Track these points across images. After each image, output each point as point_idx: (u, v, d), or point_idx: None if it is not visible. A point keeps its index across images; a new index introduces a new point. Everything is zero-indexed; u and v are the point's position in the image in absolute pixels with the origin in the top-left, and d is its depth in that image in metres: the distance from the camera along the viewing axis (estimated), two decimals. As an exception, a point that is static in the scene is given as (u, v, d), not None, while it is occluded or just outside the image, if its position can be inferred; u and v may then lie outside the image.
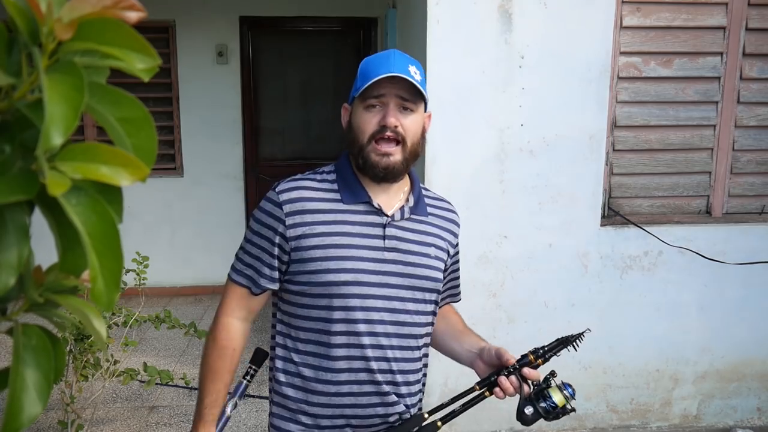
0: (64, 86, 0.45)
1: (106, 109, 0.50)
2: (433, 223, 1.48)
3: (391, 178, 1.39)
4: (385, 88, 1.33)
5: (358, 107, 1.39)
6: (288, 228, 1.37)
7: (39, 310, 0.58)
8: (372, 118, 1.36)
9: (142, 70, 0.50)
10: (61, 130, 0.44)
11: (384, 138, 1.35)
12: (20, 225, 0.49)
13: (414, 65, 1.37)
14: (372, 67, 1.36)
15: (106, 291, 0.49)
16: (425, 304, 1.45)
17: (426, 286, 1.44)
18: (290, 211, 1.38)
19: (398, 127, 1.34)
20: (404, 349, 1.43)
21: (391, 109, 1.34)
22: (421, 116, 1.41)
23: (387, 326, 1.40)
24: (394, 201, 1.45)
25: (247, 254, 1.44)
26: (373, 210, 1.41)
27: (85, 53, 0.50)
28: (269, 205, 1.41)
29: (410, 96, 1.35)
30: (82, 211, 0.48)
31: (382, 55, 1.39)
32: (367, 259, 1.37)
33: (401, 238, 1.41)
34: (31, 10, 0.46)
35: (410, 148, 1.38)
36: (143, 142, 0.51)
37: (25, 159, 0.48)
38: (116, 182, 0.48)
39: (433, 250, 1.46)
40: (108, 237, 0.48)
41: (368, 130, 1.36)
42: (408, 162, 1.39)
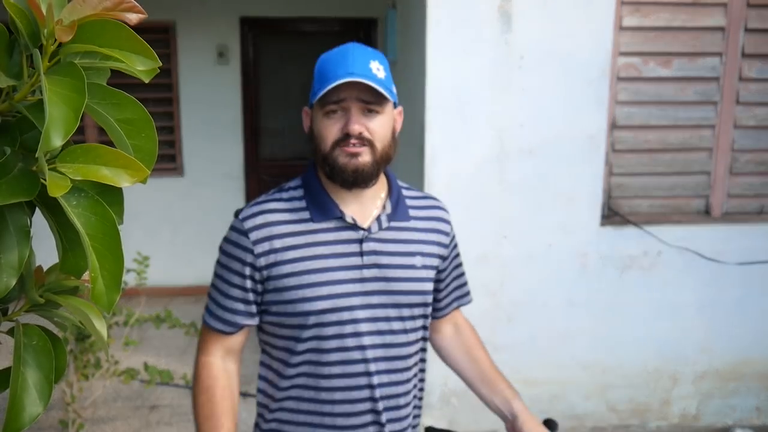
0: (64, 88, 0.45)
1: (106, 111, 0.50)
2: (417, 228, 1.36)
3: (362, 182, 1.25)
4: (345, 91, 1.20)
5: (318, 113, 1.26)
6: (257, 257, 1.26)
7: (40, 311, 0.58)
8: (333, 125, 1.23)
9: (142, 71, 0.51)
10: (62, 131, 0.44)
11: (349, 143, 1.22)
12: (21, 226, 0.50)
13: (376, 59, 1.24)
14: (329, 67, 1.23)
15: (106, 291, 0.49)
16: (414, 320, 1.33)
17: (413, 302, 1.32)
18: (257, 239, 1.26)
19: (363, 133, 1.22)
20: (391, 373, 1.31)
21: (354, 115, 1.22)
22: (390, 116, 1.27)
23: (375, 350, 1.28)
24: (369, 210, 1.32)
25: (218, 293, 1.32)
26: (346, 225, 1.28)
27: (86, 55, 0.51)
28: (234, 235, 1.29)
29: (374, 98, 1.22)
30: (83, 212, 0.48)
31: (340, 52, 1.25)
32: (344, 281, 1.25)
33: (381, 252, 1.29)
34: (32, 12, 0.47)
35: (380, 152, 1.24)
36: (144, 143, 0.51)
37: (26, 160, 0.48)
38: (117, 183, 0.48)
39: (419, 260, 1.33)
40: (108, 238, 0.49)
41: (330, 137, 1.23)
42: (379, 165, 1.26)
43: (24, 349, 0.52)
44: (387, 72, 1.25)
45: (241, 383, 4.03)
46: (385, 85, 1.22)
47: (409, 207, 1.37)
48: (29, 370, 0.52)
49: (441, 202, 1.46)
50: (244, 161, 5.51)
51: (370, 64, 1.22)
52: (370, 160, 1.23)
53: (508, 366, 3.15)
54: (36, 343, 0.53)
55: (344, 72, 1.19)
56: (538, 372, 3.15)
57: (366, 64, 1.21)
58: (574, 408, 3.22)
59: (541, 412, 3.20)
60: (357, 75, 1.19)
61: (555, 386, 3.18)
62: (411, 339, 1.33)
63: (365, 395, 1.29)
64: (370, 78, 1.19)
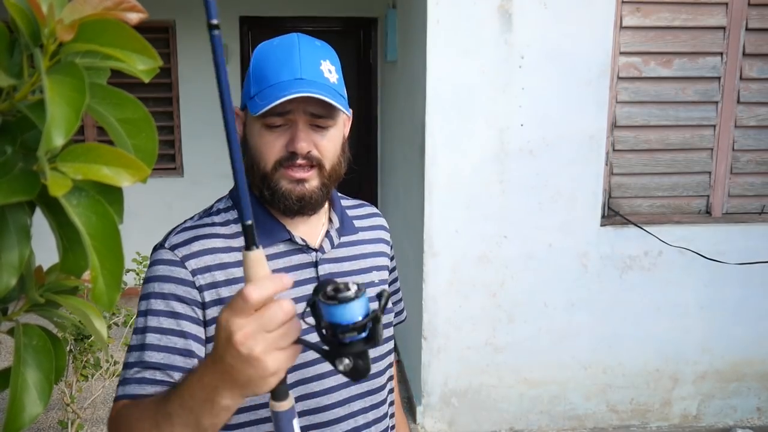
0: (65, 87, 0.45)
1: (107, 110, 0.50)
2: (365, 239, 1.19)
3: (309, 210, 1.06)
4: (293, 102, 0.98)
5: (255, 123, 1.03)
6: (200, 291, 1.00)
7: (40, 311, 0.58)
8: (275, 141, 1.02)
9: (143, 71, 0.50)
10: (63, 131, 0.44)
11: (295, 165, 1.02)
12: (21, 225, 0.49)
13: (327, 58, 1.04)
14: (271, 65, 1.01)
15: (106, 291, 0.49)
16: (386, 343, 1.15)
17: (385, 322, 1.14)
18: (197, 269, 1.01)
19: (312, 152, 1.02)
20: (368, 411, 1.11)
21: (301, 131, 1.01)
22: (340, 128, 1.08)
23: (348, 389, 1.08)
24: (317, 228, 1.13)
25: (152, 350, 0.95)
26: (297, 247, 1.08)
27: (87, 54, 0.50)
28: (165, 269, 1.01)
29: (326, 111, 1.01)
30: (83, 212, 0.48)
31: (284, 48, 1.03)
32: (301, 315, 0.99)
33: (338, 274, 1.11)
34: (33, 12, 0.47)
35: (329, 172, 1.05)
36: (144, 143, 0.51)
37: (26, 160, 0.48)
38: (117, 183, 0.48)
39: (375, 275, 1.17)
40: (109, 237, 0.49)
41: (272, 156, 1.02)
42: (327, 188, 1.06)
43: (24, 349, 0.52)
44: (339, 73, 1.05)
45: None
46: (338, 92, 1.03)
47: (352, 218, 1.20)
48: (29, 370, 0.52)
49: (377, 210, 1.29)
50: (244, 161, 5.50)
51: (322, 66, 1.02)
52: (318, 185, 1.04)
53: (508, 366, 3.16)
54: (36, 343, 0.53)
55: (291, 77, 0.99)
56: (539, 372, 3.15)
57: (316, 65, 1.01)
58: (574, 408, 3.22)
59: (542, 413, 3.21)
60: (307, 83, 0.98)
61: (555, 386, 3.18)
62: (382, 366, 1.15)
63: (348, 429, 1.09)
64: (323, 87, 0.99)
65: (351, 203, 1.25)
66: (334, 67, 1.05)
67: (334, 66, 1.04)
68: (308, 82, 0.99)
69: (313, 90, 0.98)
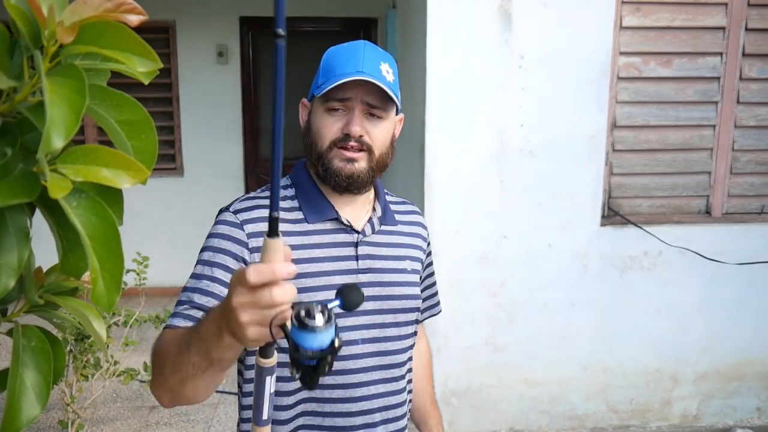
0: (65, 89, 0.45)
1: (107, 112, 0.50)
2: (403, 232, 1.31)
3: (355, 188, 1.19)
4: (352, 90, 1.14)
5: (318, 107, 1.19)
6: (252, 252, 1.14)
7: (39, 312, 0.58)
8: (334, 123, 1.16)
9: (143, 73, 0.50)
10: (63, 133, 0.44)
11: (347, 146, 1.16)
12: (21, 227, 0.49)
13: (387, 62, 1.18)
14: (338, 62, 1.16)
15: (106, 293, 0.49)
16: (407, 326, 1.27)
17: (407, 306, 1.26)
18: (253, 232, 1.15)
19: (364, 137, 1.16)
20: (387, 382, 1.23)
21: (357, 116, 1.15)
22: (392, 122, 1.21)
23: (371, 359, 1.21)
24: (361, 213, 1.26)
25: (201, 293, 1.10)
26: (342, 227, 1.21)
27: (87, 56, 0.50)
28: (226, 228, 1.16)
29: (380, 102, 1.16)
30: (83, 214, 0.48)
31: (352, 48, 1.18)
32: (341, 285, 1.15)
33: (375, 256, 1.23)
34: (33, 14, 0.47)
35: (378, 159, 1.18)
36: (144, 144, 0.51)
37: (26, 161, 0.48)
38: (117, 185, 0.48)
39: (408, 264, 1.29)
40: (108, 239, 0.49)
41: (329, 136, 1.16)
42: (374, 172, 1.19)
43: (23, 350, 0.52)
44: (395, 76, 1.20)
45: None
46: (393, 90, 1.17)
47: (394, 212, 1.33)
48: (27, 371, 0.52)
49: (418, 209, 1.42)
50: (244, 161, 5.50)
51: (381, 66, 1.16)
52: (366, 168, 1.17)
53: (508, 366, 3.16)
54: (35, 344, 0.53)
55: (354, 70, 1.13)
56: (539, 372, 3.15)
57: (377, 64, 1.15)
58: (574, 408, 3.22)
59: (542, 413, 3.21)
60: (367, 75, 1.13)
61: (555, 386, 3.18)
62: (405, 345, 1.27)
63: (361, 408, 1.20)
64: (380, 80, 1.14)
65: (395, 199, 1.38)
66: (392, 70, 1.19)
67: (392, 69, 1.19)
68: (368, 75, 1.13)
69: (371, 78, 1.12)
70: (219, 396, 3.68)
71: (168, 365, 0.98)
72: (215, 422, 3.42)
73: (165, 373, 0.98)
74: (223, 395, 3.68)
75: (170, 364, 0.97)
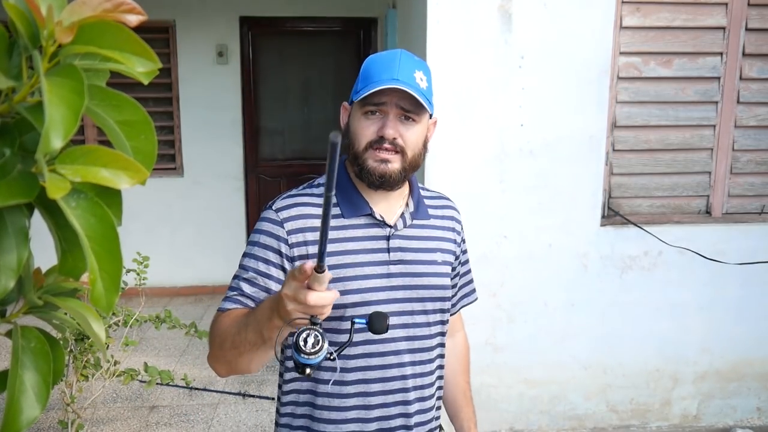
0: (64, 89, 0.45)
1: (106, 112, 0.50)
2: (435, 225, 1.42)
3: (388, 186, 1.30)
4: (387, 95, 1.24)
5: (357, 111, 1.29)
6: (291, 247, 1.28)
7: (38, 313, 0.58)
8: (370, 126, 1.27)
9: (142, 73, 0.50)
10: (61, 133, 0.44)
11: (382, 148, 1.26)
12: (20, 228, 0.49)
13: (421, 69, 1.28)
14: (376, 69, 1.26)
15: (105, 293, 0.49)
16: (435, 314, 1.38)
17: (436, 296, 1.37)
18: (292, 229, 1.28)
19: (397, 139, 1.26)
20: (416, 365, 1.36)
21: (391, 120, 1.25)
22: (425, 126, 1.32)
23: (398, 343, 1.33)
24: (395, 208, 1.37)
25: (248, 284, 1.29)
26: (375, 222, 1.33)
27: (86, 56, 0.50)
28: (268, 225, 1.30)
29: (413, 107, 1.26)
30: (82, 214, 0.48)
31: (389, 56, 1.28)
32: (373, 276, 1.30)
33: (406, 249, 1.34)
34: (32, 14, 0.46)
35: (410, 159, 1.29)
36: (143, 145, 0.51)
37: (25, 162, 0.48)
38: (116, 185, 0.48)
39: (439, 255, 1.39)
40: (107, 240, 0.49)
41: (365, 138, 1.27)
42: (407, 172, 1.30)
43: (22, 351, 0.52)
44: (429, 83, 1.29)
45: (241, 383, 4.03)
46: (426, 96, 1.26)
47: (427, 206, 1.43)
48: (27, 372, 0.52)
49: (453, 202, 1.52)
50: (244, 161, 5.50)
51: (416, 74, 1.25)
52: (399, 168, 1.27)
53: (508, 366, 3.16)
54: (34, 345, 0.53)
55: (389, 77, 1.23)
56: (539, 372, 3.15)
57: (411, 72, 1.25)
58: (574, 408, 3.22)
59: (542, 413, 3.21)
60: (401, 82, 1.22)
61: (555, 386, 3.18)
62: (433, 332, 1.38)
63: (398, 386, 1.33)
64: (413, 87, 1.23)
65: (430, 194, 1.48)
66: (426, 77, 1.28)
67: (426, 77, 1.28)
68: (402, 82, 1.23)
69: (405, 86, 1.22)
70: (219, 396, 3.68)
71: (227, 342, 1.20)
72: (215, 422, 3.42)
73: (225, 348, 1.21)
74: (223, 395, 3.68)
75: (230, 342, 1.19)
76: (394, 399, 1.34)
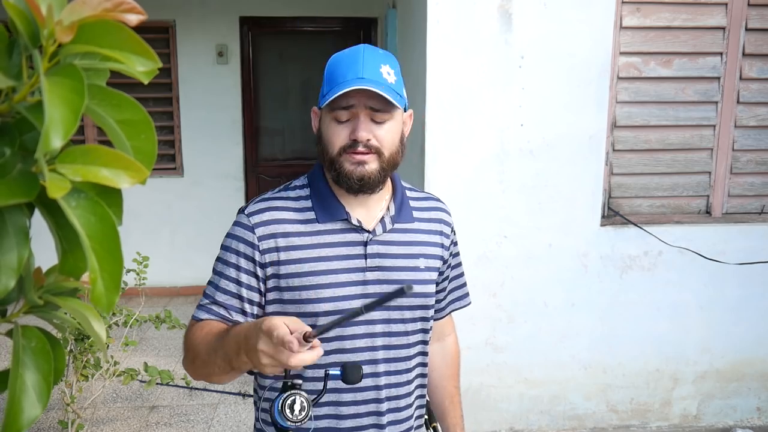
0: (64, 89, 0.45)
1: (106, 112, 0.50)
2: (420, 229, 1.35)
3: (368, 189, 1.24)
4: (355, 97, 1.18)
5: (326, 115, 1.24)
6: (262, 254, 1.24)
7: (39, 312, 0.58)
8: (342, 130, 1.21)
9: (142, 72, 0.50)
10: (61, 132, 0.44)
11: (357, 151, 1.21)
12: (20, 227, 0.49)
13: (387, 63, 1.22)
14: (339, 70, 1.21)
15: (105, 293, 0.49)
16: (414, 322, 1.32)
17: (415, 304, 1.31)
18: (263, 235, 1.24)
19: (371, 141, 1.21)
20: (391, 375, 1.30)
21: (362, 122, 1.20)
22: (399, 121, 1.25)
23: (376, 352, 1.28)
24: (374, 213, 1.31)
25: (215, 288, 1.27)
26: (351, 227, 1.27)
27: (86, 56, 0.50)
28: (240, 230, 1.26)
29: (383, 105, 1.20)
30: (82, 214, 0.48)
31: (352, 54, 1.22)
32: (347, 283, 1.25)
33: (385, 255, 1.29)
34: (32, 13, 0.46)
35: (388, 158, 1.24)
36: (143, 144, 0.51)
37: (25, 161, 0.48)
38: (116, 185, 0.48)
39: (422, 261, 1.33)
40: (108, 239, 0.49)
41: (338, 143, 1.22)
42: (385, 172, 1.25)
43: (23, 350, 0.52)
44: (398, 76, 1.24)
45: (238, 383, 4.04)
46: (396, 90, 1.21)
47: (413, 208, 1.36)
48: (28, 372, 0.52)
49: (443, 203, 1.45)
50: (244, 161, 5.50)
51: (381, 69, 1.20)
52: (377, 168, 1.22)
53: (508, 366, 3.16)
54: (35, 345, 0.53)
55: (354, 77, 1.18)
56: (539, 372, 3.15)
57: (377, 68, 1.19)
58: (574, 408, 3.22)
59: (542, 413, 3.21)
60: (367, 81, 1.17)
61: (555, 386, 3.18)
62: (411, 341, 1.33)
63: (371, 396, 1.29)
64: (381, 84, 1.18)
65: (417, 194, 1.42)
66: (393, 70, 1.23)
67: (393, 70, 1.23)
68: (368, 80, 1.18)
69: (371, 85, 1.16)
70: (219, 396, 3.68)
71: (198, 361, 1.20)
72: (215, 422, 3.42)
73: (197, 365, 1.22)
74: (223, 395, 3.68)
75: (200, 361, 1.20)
76: (366, 409, 1.29)
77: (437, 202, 1.44)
